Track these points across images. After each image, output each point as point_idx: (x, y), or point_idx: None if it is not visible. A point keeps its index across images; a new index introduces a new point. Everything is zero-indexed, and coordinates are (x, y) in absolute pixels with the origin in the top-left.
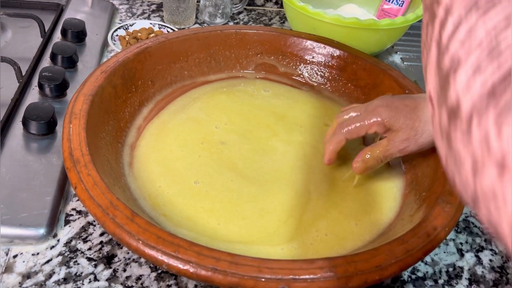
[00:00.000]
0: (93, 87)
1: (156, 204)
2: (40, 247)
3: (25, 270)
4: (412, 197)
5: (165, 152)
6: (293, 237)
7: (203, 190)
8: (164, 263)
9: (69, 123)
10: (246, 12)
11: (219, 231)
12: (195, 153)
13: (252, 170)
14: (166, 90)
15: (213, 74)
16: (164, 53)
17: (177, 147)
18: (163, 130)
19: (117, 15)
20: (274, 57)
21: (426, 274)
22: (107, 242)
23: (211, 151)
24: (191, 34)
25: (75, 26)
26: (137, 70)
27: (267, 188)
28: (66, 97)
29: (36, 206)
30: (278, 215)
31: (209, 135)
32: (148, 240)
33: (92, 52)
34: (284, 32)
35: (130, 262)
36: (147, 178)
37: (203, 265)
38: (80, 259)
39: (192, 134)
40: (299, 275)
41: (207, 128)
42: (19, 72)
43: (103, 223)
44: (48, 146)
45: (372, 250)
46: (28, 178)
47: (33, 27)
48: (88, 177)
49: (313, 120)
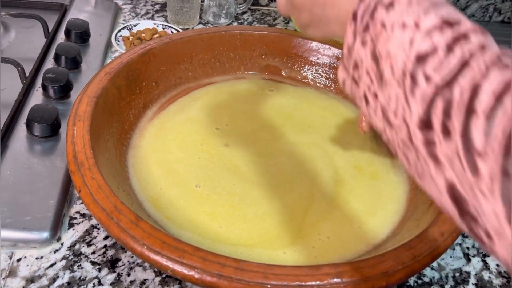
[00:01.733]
0: (97, 89)
1: (159, 206)
2: (44, 251)
3: (29, 274)
4: (418, 201)
5: (165, 153)
6: (295, 240)
7: (204, 193)
8: (169, 268)
9: (73, 125)
10: (250, 12)
11: (221, 234)
12: (194, 154)
13: (256, 174)
14: (170, 92)
15: (218, 75)
16: (168, 54)
17: (176, 148)
18: (162, 130)
19: (121, 15)
20: (278, 58)
21: (433, 279)
22: (111, 245)
23: (211, 153)
24: (195, 35)
25: (79, 26)
26: (141, 72)
27: (270, 191)
28: (70, 98)
29: (40, 209)
30: (280, 218)
31: (209, 137)
32: (152, 245)
33: (96, 53)
34: (289, 33)
35: (134, 266)
36: (149, 180)
37: (208, 271)
38: (84, 263)
39: (191, 135)
40: (305, 281)
41: (207, 130)
42: (22, 73)
43: (108, 227)
44: (52, 148)
45: (379, 256)
46: (31, 180)
47: (37, 28)
48: (92, 180)
49: (322, 121)
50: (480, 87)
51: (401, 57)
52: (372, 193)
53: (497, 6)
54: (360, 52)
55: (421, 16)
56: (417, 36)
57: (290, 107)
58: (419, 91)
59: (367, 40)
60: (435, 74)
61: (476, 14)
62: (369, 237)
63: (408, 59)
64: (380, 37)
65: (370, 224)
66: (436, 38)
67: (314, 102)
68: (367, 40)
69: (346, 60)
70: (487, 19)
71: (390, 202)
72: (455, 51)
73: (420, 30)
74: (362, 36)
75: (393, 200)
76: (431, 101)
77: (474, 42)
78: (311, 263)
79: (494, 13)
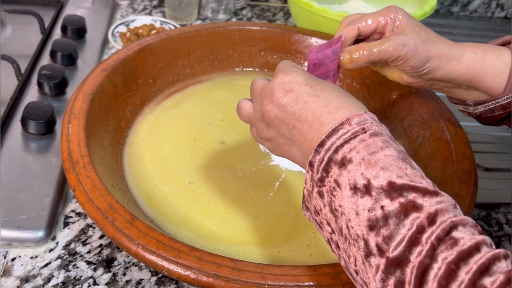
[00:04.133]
0: (93, 86)
1: (154, 203)
2: (38, 250)
3: (24, 274)
4: None
5: (158, 150)
6: (289, 238)
7: (198, 191)
8: (165, 268)
9: (68, 123)
10: (250, 7)
11: (215, 231)
12: (186, 151)
13: (249, 171)
14: (168, 89)
15: (216, 72)
16: (165, 51)
17: (169, 144)
18: (155, 126)
19: (118, 11)
20: (278, 55)
21: None
22: (107, 245)
23: (203, 150)
24: (193, 31)
25: (75, 22)
26: (138, 68)
27: (265, 189)
28: (66, 95)
29: (35, 208)
30: (274, 216)
31: (201, 133)
32: (148, 244)
33: (92, 49)
34: (289, 29)
35: (130, 266)
36: (143, 177)
37: (205, 271)
38: (79, 263)
39: (183, 131)
40: (303, 282)
41: (200, 126)
42: (18, 70)
43: (102, 227)
44: (47, 145)
45: None
46: (26, 179)
47: (33, 24)
48: (87, 179)
49: None
50: (427, 272)
51: (355, 221)
52: None
53: (500, 1)
54: (319, 203)
55: (371, 180)
56: (368, 202)
57: None
58: (373, 261)
59: (324, 193)
60: (386, 247)
61: (479, 10)
62: None
63: (361, 224)
64: (336, 194)
65: None
66: (386, 207)
67: None
68: (324, 193)
69: (308, 203)
70: (489, 15)
71: None
72: (404, 223)
73: (371, 195)
74: (319, 187)
75: None
76: (385, 276)
77: (425, 211)
78: (306, 260)
79: (497, 9)
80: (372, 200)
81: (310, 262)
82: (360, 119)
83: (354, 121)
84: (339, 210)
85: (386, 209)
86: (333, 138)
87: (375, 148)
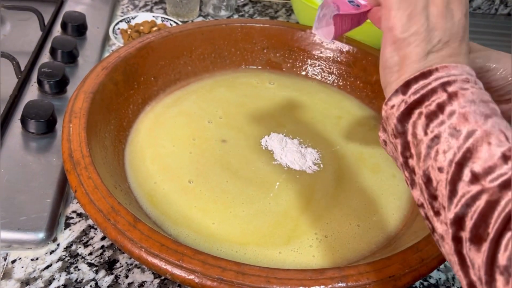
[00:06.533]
0: (93, 85)
1: (155, 201)
2: (39, 252)
3: (24, 276)
4: None
5: (158, 148)
6: (290, 239)
7: (197, 189)
8: (168, 272)
9: (69, 122)
10: (251, 4)
11: (215, 231)
12: (185, 149)
13: (249, 170)
14: (170, 88)
15: (218, 70)
16: (167, 48)
17: (169, 142)
18: (156, 124)
19: (119, 7)
20: (280, 53)
21: (439, 280)
22: (109, 246)
23: (202, 148)
24: (195, 28)
25: (76, 19)
26: (139, 66)
27: (265, 189)
28: (66, 93)
29: (35, 209)
30: (274, 216)
31: (200, 130)
32: (151, 247)
33: (93, 47)
34: (291, 26)
35: (132, 268)
36: (144, 175)
37: (209, 275)
38: (80, 265)
39: (183, 129)
40: (309, 286)
41: (199, 123)
42: (17, 67)
43: (104, 229)
44: (47, 145)
45: (385, 259)
46: (27, 179)
47: (33, 20)
48: (89, 180)
49: (325, 113)
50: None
51: (452, 146)
52: (373, 189)
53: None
54: (406, 123)
55: (481, 120)
56: (477, 134)
57: (290, 100)
58: (461, 186)
59: (415, 114)
60: (484, 176)
61: (482, 6)
62: (369, 236)
63: (459, 150)
64: (434, 118)
65: (370, 222)
66: (493, 145)
67: (316, 95)
68: (415, 114)
69: (386, 124)
70: (493, 12)
71: (391, 198)
72: (508, 163)
73: (481, 128)
74: (411, 107)
75: (394, 196)
76: (471, 201)
77: None
78: (309, 261)
79: (500, 6)
80: (481, 133)
81: (313, 264)
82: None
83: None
84: (431, 134)
85: (493, 148)
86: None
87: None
